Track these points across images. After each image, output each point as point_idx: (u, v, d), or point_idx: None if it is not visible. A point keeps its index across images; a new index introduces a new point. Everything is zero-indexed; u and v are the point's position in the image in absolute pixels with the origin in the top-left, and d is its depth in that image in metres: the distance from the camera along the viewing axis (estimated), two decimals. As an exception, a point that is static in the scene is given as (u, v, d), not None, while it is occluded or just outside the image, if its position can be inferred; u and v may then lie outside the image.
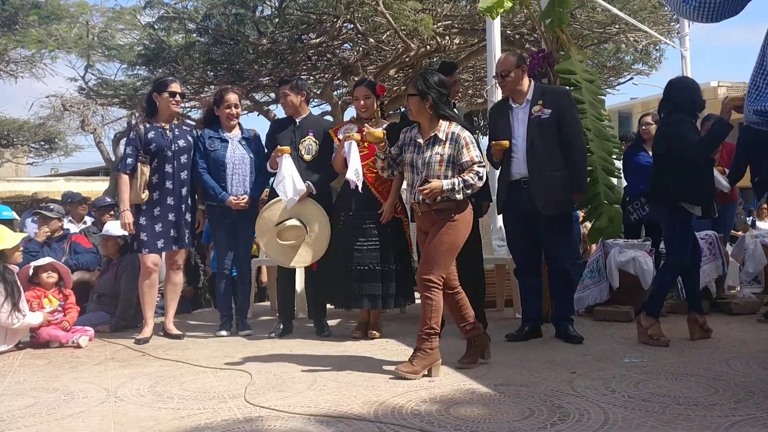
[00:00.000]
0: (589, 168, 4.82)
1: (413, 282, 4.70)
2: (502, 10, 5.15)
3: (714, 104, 5.46)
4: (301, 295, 5.35)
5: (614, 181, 5.19)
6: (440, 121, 3.74)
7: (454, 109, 4.64)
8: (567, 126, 4.41)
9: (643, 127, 6.18)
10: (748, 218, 12.28)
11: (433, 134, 3.73)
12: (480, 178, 3.68)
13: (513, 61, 4.50)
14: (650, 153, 6.02)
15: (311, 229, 4.67)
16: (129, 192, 4.75)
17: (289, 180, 4.62)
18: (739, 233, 6.89)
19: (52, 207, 6.16)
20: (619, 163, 5.47)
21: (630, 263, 5.29)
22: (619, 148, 5.30)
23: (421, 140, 3.78)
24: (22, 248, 4.85)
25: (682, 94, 4.34)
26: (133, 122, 4.92)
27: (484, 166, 3.72)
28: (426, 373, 3.62)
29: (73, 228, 7.04)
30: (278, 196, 4.69)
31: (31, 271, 4.89)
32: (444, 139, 3.71)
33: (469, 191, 3.67)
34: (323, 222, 4.70)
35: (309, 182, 4.73)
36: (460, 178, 3.64)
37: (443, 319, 4.63)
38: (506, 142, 4.49)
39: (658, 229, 6.17)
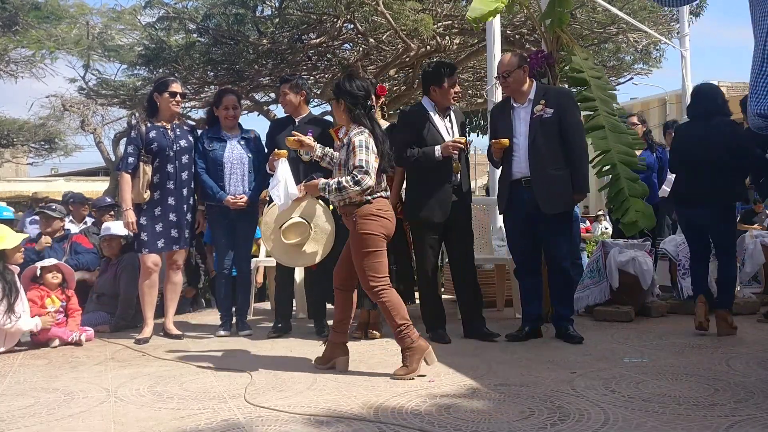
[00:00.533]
0: (607, 166, 4.80)
1: (413, 282, 4.71)
2: (490, 18, 5.15)
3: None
4: (301, 294, 5.34)
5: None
6: (353, 124, 3.79)
7: (455, 112, 4.67)
8: (568, 126, 4.42)
9: (631, 128, 6.22)
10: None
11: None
12: (356, 183, 3.59)
13: (514, 61, 4.51)
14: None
15: (315, 224, 4.65)
16: (131, 191, 4.75)
17: (283, 184, 4.62)
18: (754, 226, 6.94)
19: (54, 207, 6.15)
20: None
21: (630, 263, 5.29)
22: (637, 139, 5.28)
23: None
24: (23, 249, 4.85)
25: (712, 99, 4.57)
26: (134, 122, 4.89)
27: (367, 173, 3.60)
28: (424, 363, 3.62)
29: (74, 228, 7.03)
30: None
31: (38, 272, 4.88)
32: (345, 143, 3.76)
33: (343, 194, 3.63)
34: (327, 215, 4.68)
35: (303, 183, 4.71)
36: (335, 180, 3.68)
37: (444, 318, 4.67)
38: (506, 141, 4.49)
39: (655, 229, 6.19)
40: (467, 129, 4.91)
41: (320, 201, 4.72)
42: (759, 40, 2.73)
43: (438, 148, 4.46)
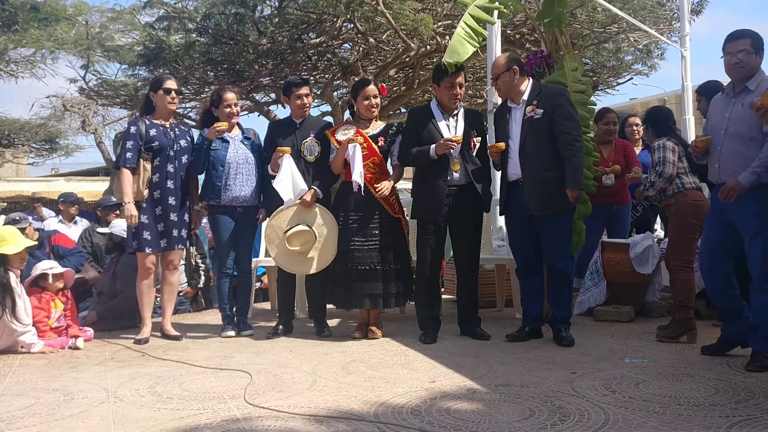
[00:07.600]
0: None
1: (412, 281, 4.72)
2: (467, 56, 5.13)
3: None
4: (302, 294, 5.35)
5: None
6: None
7: (468, 113, 4.69)
8: (560, 124, 4.33)
9: (633, 128, 6.24)
10: None
11: None
12: None
13: (502, 63, 4.49)
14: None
15: (320, 235, 4.64)
16: (131, 186, 4.71)
17: (290, 180, 4.63)
18: None
19: (18, 218, 6.05)
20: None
21: (640, 256, 5.26)
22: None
23: None
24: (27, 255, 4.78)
25: None
26: (133, 119, 4.83)
27: None
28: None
29: (63, 228, 7.08)
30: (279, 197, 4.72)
31: (50, 279, 4.74)
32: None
33: None
34: (330, 224, 4.65)
35: (315, 187, 4.72)
36: None
37: (439, 319, 4.67)
38: (502, 144, 4.49)
39: (649, 228, 6.23)
40: (484, 128, 4.87)
41: (325, 209, 4.72)
42: None
43: (433, 146, 4.46)
